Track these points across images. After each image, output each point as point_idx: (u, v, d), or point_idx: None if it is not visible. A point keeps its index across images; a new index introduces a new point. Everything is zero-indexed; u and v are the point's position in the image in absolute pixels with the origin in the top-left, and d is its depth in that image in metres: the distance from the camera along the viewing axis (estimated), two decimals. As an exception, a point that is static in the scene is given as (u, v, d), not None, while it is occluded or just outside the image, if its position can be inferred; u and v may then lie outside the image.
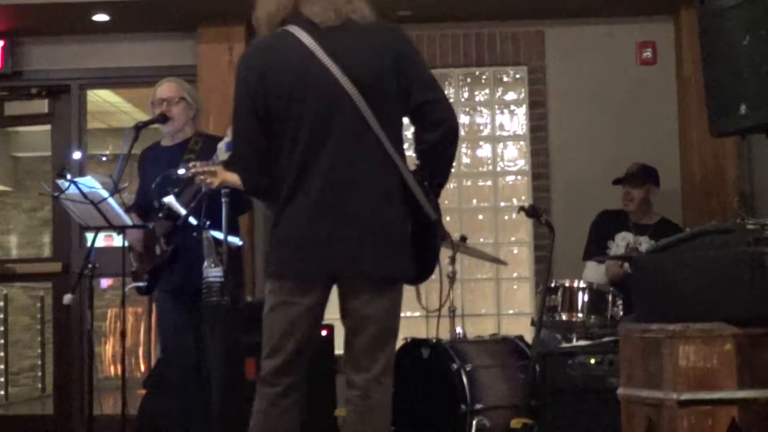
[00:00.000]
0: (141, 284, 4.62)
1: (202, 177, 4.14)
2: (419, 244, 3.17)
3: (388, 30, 3.20)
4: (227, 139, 3.92)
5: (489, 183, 6.54)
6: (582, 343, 4.85)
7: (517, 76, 6.53)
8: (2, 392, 8.50)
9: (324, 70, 3.06)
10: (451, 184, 6.05)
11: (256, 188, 3.24)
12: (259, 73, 3.10)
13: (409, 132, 3.34)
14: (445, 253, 4.83)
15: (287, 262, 3.11)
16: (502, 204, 6.49)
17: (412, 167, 3.21)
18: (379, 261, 3.07)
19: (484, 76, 6.56)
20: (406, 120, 3.22)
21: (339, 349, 5.48)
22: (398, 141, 3.16)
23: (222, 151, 3.98)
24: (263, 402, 3.16)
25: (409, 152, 3.21)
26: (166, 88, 4.72)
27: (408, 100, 3.13)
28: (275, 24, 3.15)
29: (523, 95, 6.51)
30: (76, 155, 6.54)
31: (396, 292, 3.17)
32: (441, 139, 3.15)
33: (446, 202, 6.31)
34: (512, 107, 6.57)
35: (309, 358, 3.22)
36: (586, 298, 4.90)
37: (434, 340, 4.91)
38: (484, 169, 6.55)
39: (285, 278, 3.11)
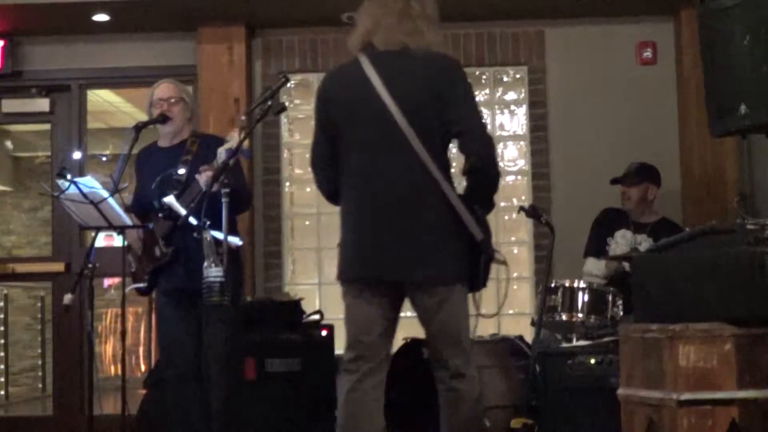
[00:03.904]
0: (141, 285, 4.62)
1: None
2: (471, 260, 3.49)
3: (438, 60, 3.51)
4: (228, 145, 4.01)
5: (489, 183, 6.53)
6: (582, 343, 4.85)
7: (517, 76, 6.53)
8: (2, 392, 8.49)
9: (377, 98, 3.41)
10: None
11: (326, 195, 3.66)
12: (325, 98, 3.56)
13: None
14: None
15: (346, 266, 3.53)
16: (502, 204, 6.47)
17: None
18: (418, 268, 3.41)
19: (484, 76, 6.55)
20: None
21: (339, 349, 5.50)
22: (444, 163, 3.46)
23: (222, 155, 4.01)
24: (345, 388, 3.51)
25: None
26: (165, 89, 4.72)
27: (448, 128, 3.44)
28: (355, 50, 3.54)
29: (523, 95, 6.51)
30: (76, 155, 6.54)
31: (456, 293, 3.47)
32: (474, 168, 3.43)
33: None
34: (512, 107, 6.57)
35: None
36: (586, 298, 4.90)
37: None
38: (484, 169, 6.54)
39: (347, 280, 3.53)
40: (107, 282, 8.61)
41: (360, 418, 3.48)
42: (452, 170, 3.55)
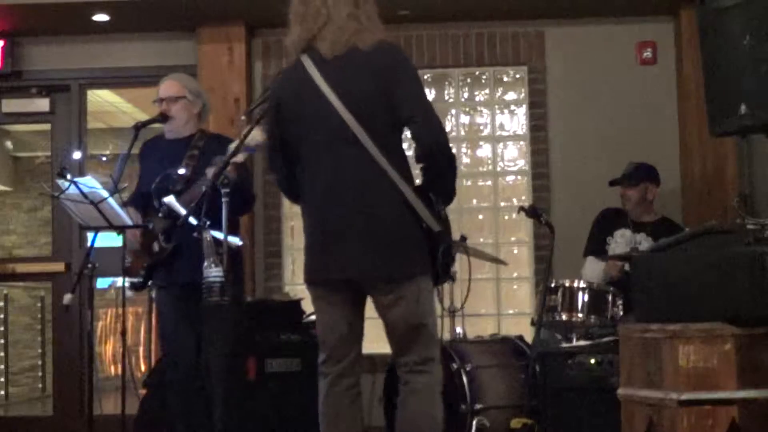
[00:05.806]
0: (135, 279, 4.60)
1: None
2: (430, 253, 3.40)
3: (383, 51, 3.40)
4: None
5: (489, 183, 6.54)
6: (582, 343, 4.85)
7: (517, 76, 6.53)
8: (2, 392, 8.49)
9: (323, 98, 3.35)
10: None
11: (287, 196, 3.71)
12: (276, 99, 3.51)
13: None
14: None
15: (306, 266, 3.48)
16: (502, 204, 6.49)
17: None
18: (374, 265, 3.34)
19: (484, 76, 6.55)
20: None
21: (339, 349, 5.50)
22: (395, 155, 3.38)
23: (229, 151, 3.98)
24: (321, 391, 3.50)
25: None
26: (165, 87, 4.71)
27: (397, 116, 3.36)
28: (295, 53, 3.49)
29: (523, 95, 6.51)
30: (76, 155, 6.54)
31: (417, 287, 3.37)
32: (424, 153, 3.36)
33: (446, 202, 6.30)
34: (512, 107, 6.57)
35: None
36: (586, 298, 4.90)
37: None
38: (484, 169, 6.55)
39: (308, 282, 3.50)
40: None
41: (336, 422, 3.44)
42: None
